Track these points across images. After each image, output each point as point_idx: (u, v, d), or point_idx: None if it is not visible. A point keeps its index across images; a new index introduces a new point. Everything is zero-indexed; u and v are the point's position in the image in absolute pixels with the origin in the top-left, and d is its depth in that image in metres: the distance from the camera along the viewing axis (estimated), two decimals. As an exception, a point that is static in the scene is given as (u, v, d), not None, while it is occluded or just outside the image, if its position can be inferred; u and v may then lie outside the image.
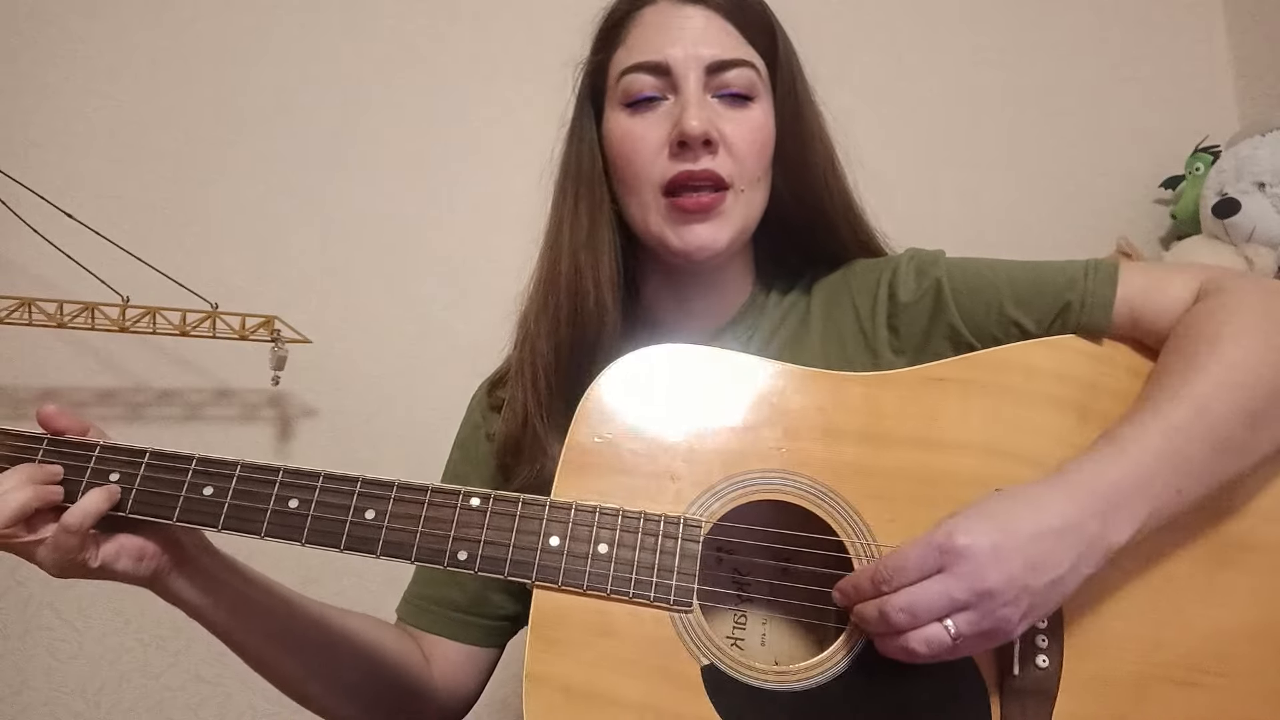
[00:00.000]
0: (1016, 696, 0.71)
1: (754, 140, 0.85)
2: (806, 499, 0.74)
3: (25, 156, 1.43)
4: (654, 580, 0.71)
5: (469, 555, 0.72)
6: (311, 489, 0.74)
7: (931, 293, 0.87)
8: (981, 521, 0.67)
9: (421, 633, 0.94)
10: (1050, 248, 1.85)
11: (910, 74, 1.84)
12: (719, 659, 0.70)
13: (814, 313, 0.92)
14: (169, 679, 1.42)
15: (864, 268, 0.93)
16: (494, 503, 0.73)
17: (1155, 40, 1.99)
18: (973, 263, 0.89)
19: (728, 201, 0.84)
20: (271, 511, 0.73)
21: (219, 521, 0.74)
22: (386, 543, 0.73)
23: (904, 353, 0.88)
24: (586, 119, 0.90)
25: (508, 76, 1.67)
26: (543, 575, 0.72)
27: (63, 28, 1.51)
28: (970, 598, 0.65)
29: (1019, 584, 0.65)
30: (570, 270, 0.87)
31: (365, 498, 0.73)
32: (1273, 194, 1.65)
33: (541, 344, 0.87)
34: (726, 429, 0.76)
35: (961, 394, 0.78)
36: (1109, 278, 0.82)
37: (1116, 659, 0.72)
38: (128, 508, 0.74)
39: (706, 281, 0.91)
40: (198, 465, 0.75)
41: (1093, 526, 0.67)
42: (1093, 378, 0.80)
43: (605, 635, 0.70)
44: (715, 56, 0.84)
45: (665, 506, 0.74)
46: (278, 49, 1.59)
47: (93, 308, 1.31)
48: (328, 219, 1.57)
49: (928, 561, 0.66)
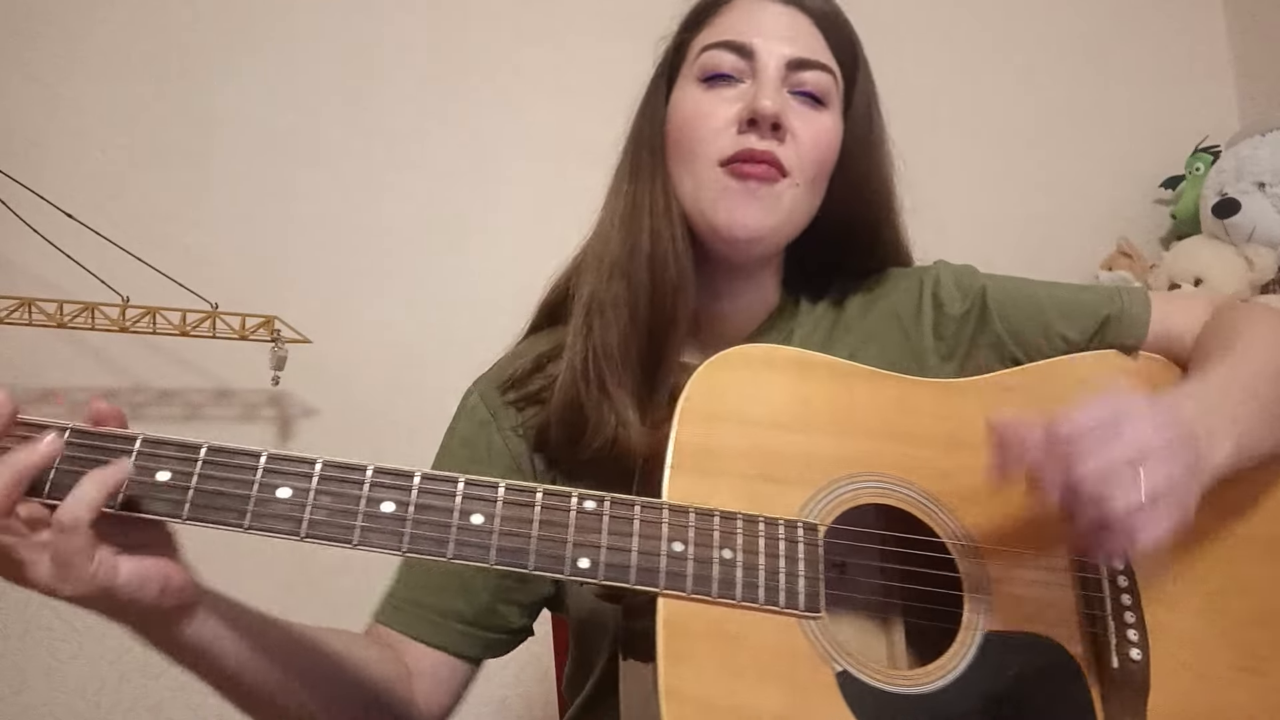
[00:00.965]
0: (1115, 689, 0.72)
1: (819, 142, 0.85)
2: (907, 501, 0.75)
3: (25, 156, 1.43)
4: (781, 586, 0.68)
5: (591, 563, 0.66)
6: (407, 490, 0.65)
7: (978, 305, 0.90)
8: (1135, 395, 0.68)
9: (410, 641, 0.86)
10: (1051, 248, 1.86)
11: (909, 74, 1.84)
12: (851, 665, 0.69)
13: (851, 318, 0.93)
14: (169, 679, 1.42)
15: (898, 276, 0.95)
16: (610, 505, 0.68)
17: (1155, 40, 1.99)
18: (1010, 279, 0.94)
19: (782, 186, 0.83)
20: (364, 515, 0.64)
21: (302, 529, 0.63)
22: (501, 550, 0.65)
23: (950, 360, 0.90)
24: (660, 94, 0.90)
25: (508, 76, 1.67)
26: (671, 583, 0.67)
27: (63, 28, 1.51)
28: (1160, 442, 0.64)
29: (1190, 447, 0.67)
30: (650, 241, 0.84)
31: (470, 500, 0.66)
32: (1273, 194, 1.65)
33: (613, 312, 0.84)
34: (819, 430, 0.75)
35: (1028, 402, 0.80)
36: (1143, 296, 0.90)
37: (1190, 652, 0.75)
38: (184, 514, 0.62)
39: (742, 281, 0.90)
40: (268, 463, 0.64)
41: (1200, 431, 0.69)
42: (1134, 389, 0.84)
43: (737, 644, 0.67)
44: (798, 54, 0.84)
45: (778, 510, 0.71)
46: (278, 49, 1.59)
47: (93, 308, 1.31)
48: (327, 219, 1.57)
49: (1103, 414, 0.65)
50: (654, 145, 0.88)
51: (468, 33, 1.68)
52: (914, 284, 0.93)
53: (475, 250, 1.61)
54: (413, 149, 1.62)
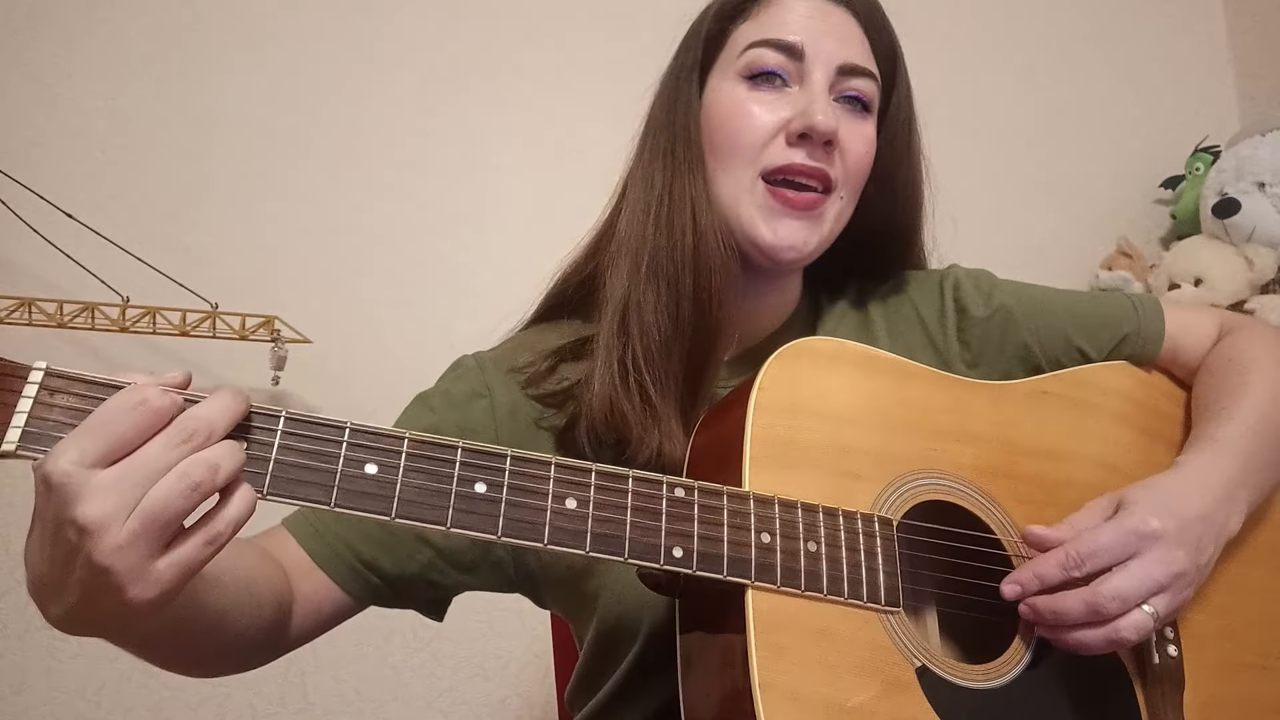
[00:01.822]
0: (1156, 684, 0.75)
1: (866, 152, 0.84)
2: (968, 500, 0.76)
3: (25, 156, 1.43)
4: (863, 580, 0.69)
5: (685, 552, 0.65)
6: (500, 471, 0.62)
7: (1003, 312, 0.91)
8: (1161, 507, 0.72)
9: (320, 572, 0.79)
10: (1051, 247, 1.86)
11: (909, 74, 1.84)
12: (929, 660, 0.69)
13: (875, 321, 0.92)
14: (169, 679, 1.41)
15: (918, 279, 0.95)
16: (699, 494, 0.67)
17: (1155, 40, 1.99)
18: (1026, 287, 0.94)
19: (826, 205, 0.82)
20: (456, 495, 0.61)
21: (393, 509, 0.59)
22: (595, 536, 0.63)
23: (976, 365, 0.90)
24: (693, 86, 0.86)
25: (508, 76, 1.67)
26: (761, 575, 0.66)
27: (63, 28, 1.51)
28: (1168, 579, 0.69)
29: (1195, 565, 0.71)
30: (693, 240, 0.81)
31: (563, 484, 0.63)
32: (1273, 194, 1.65)
33: (653, 315, 0.80)
34: (884, 427, 0.76)
35: (1065, 408, 0.84)
36: (1158, 313, 0.92)
37: (1209, 648, 0.78)
38: (265, 488, 0.57)
39: (769, 282, 0.89)
40: (352, 436, 0.60)
41: (1223, 512, 0.75)
42: (1147, 400, 0.89)
43: (826, 638, 0.67)
44: (849, 60, 0.83)
45: (855, 504, 0.71)
46: (278, 49, 1.59)
47: (93, 308, 1.31)
48: (328, 219, 1.57)
49: (1122, 548, 0.70)
50: (689, 138, 0.84)
51: (468, 33, 1.68)
52: (934, 287, 0.93)
53: (475, 250, 1.61)
54: (412, 149, 1.62)
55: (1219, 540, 0.74)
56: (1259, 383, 0.84)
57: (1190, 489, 0.75)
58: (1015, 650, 0.73)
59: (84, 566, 0.50)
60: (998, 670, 0.72)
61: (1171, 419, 0.89)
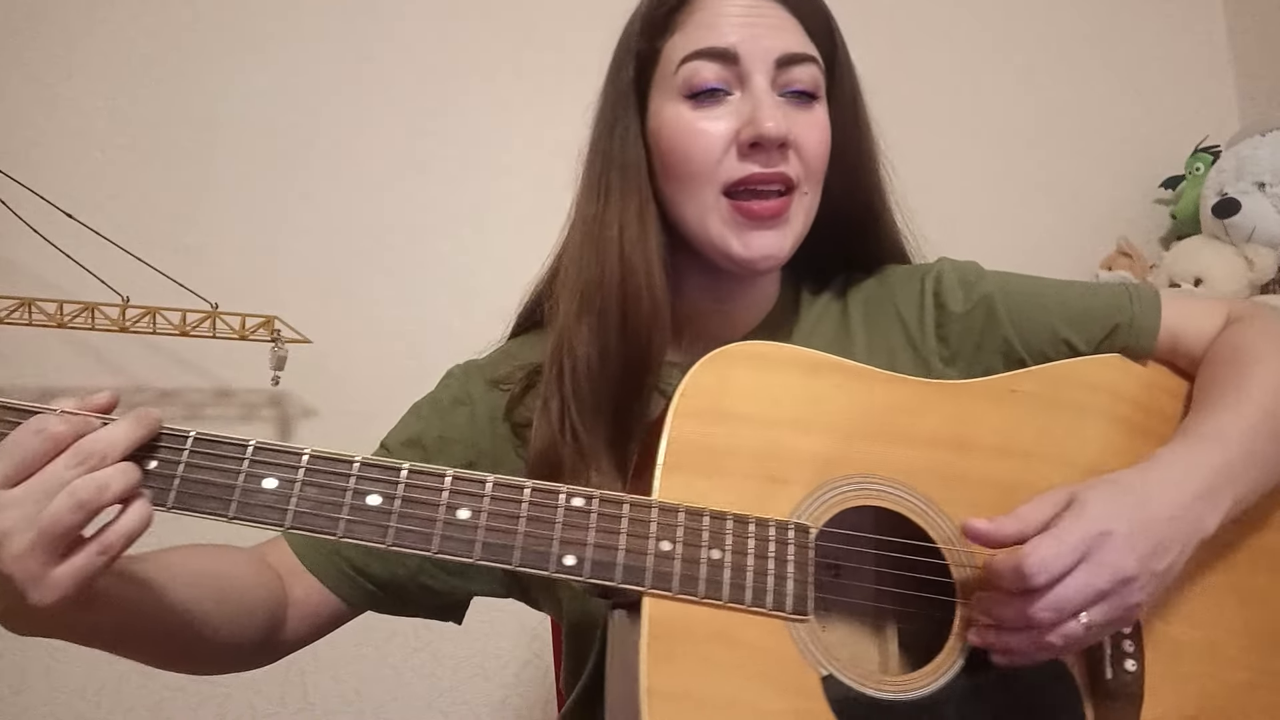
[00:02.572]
0: (1108, 699, 0.72)
1: (821, 142, 0.82)
2: (903, 505, 0.73)
3: (25, 156, 1.43)
4: (770, 588, 0.68)
5: (577, 560, 0.66)
6: (393, 484, 0.65)
7: (984, 305, 0.87)
8: (1116, 507, 0.68)
9: (312, 578, 0.82)
10: (1051, 247, 1.86)
11: (910, 74, 1.84)
12: (837, 669, 0.68)
13: (854, 318, 0.91)
14: (169, 679, 1.41)
15: (902, 275, 0.92)
16: (599, 503, 0.67)
17: (1155, 40, 1.99)
18: (1015, 278, 0.90)
19: (792, 206, 0.81)
20: (349, 508, 0.64)
21: (286, 520, 0.63)
22: (486, 545, 0.65)
23: (954, 362, 0.87)
24: (630, 109, 0.84)
25: (508, 76, 1.67)
26: (657, 582, 0.66)
27: (63, 28, 1.51)
28: (1112, 585, 0.66)
29: (1149, 568, 0.67)
30: (620, 271, 0.80)
31: (458, 495, 0.65)
32: (1273, 194, 1.65)
33: (585, 349, 0.80)
34: (819, 430, 0.73)
35: (1035, 406, 0.79)
36: (1153, 304, 0.87)
37: (1184, 662, 0.74)
38: (169, 502, 0.62)
39: (745, 282, 0.88)
40: (255, 454, 0.64)
41: (1194, 513, 0.70)
42: (1140, 397, 0.83)
43: (723, 645, 0.66)
44: (785, 50, 0.80)
45: (771, 511, 0.70)
46: (278, 49, 1.59)
47: (93, 308, 1.31)
48: (328, 219, 1.57)
49: (1075, 551, 0.66)
50: (625, 163, 0.83)
51: (468, 33, 1.68)
52: (915, 283, 0.91)
53: (475, 250, 1.61)
54: (412, 149, 1.62)
55: (1188, 542, 0.70)
56: (1261, 376, 0.78)
57: (1156, 487, 0.70)
58: (944, 659, 0.70)
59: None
60: (920, 680, 0.70)
61: (1173, 417, 0.82)
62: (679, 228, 0.83)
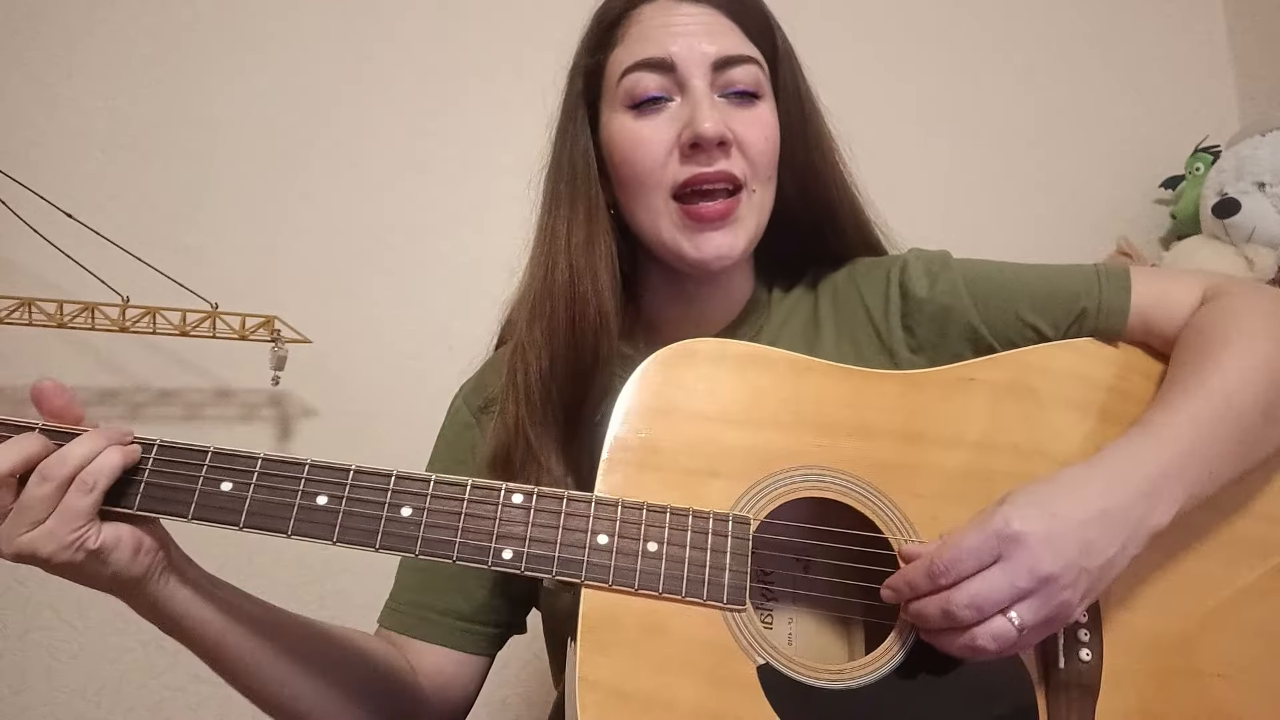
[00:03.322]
0: (1061, 689, 0.71)
1: (765, 138, 0.84)
2: (850, 496, 0.74)
3: (25, 156, 1.43)
4: (706, 579, 0.69)
5: (514, 555, 0.69)
6: (341, 485, 0.69)
7: (948, 293, 0.87)
8: (1033, 507, 0.67)
9: (410, 640, 0.88)
10: (1050, 247, 1.86)
11: (909, 74, 1.84)
12: (774, 658, 0.69)
13: (823, 313, 0.91)
14: (169, 679, 1.42)
15: (869, 266, 0.92)
16: (537, 499, 0.70)
17: (1155, 40, 1.99)
18: (983, 265, 0.89)
19: (741, 205, 0.82)
20: (299, 508, 0.68)
21: (240, 520, 0.68)
22: (426, 540, 0.68)
23: (921, 351, 0.87)
24: (580, 122, 0.87)
25: (508, 76, 1.67)
26: (592, 574, 0.69)
27: (63, 28, 1.51)
28: (1033, 584, 0.65)
29: (1076, 567, 0.66)
30: (567, 277, 0.83)
31: (400, 494, 0.69)
32: (1273, 194, 1.65)
33: (535, 353, 0.83)
34: (766, 425, 0.75)
35: (991, 395, 0.79)
36: (1123, 285, 0.85)
37: (1148, 654, 0.74)
38: (135, 504, 0.68)
39: (710, 283, 0.89)
40: (213, 459, 0.69)
41: (1139, 509, 0.69)
42: (1110, 381, 0.82)
43: (658, 636, 0.68)
44: (721, 53, 0.82)
45: (711, 504, 0.72)
46: (279, 49, 1.59)
47: (93, 308, 1.31)
48: (328, 219, 1.57)
49: (985, 551, 0.66)
50: (574, 175, 0.86)
51: (468, 33, 1.68)
52: (881, 274, 0.91)
53: (475, 250, 1.60)
54: (412, 149, 1.62)
55: (1133, 538, 0.68)
56: (1227, 360, 0.75)
57: (1092, 483, 0.69)
58: (886, 650, 0.71)
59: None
60: (860, 669, 0.70)
61: (1146, 400, 0.80)
62: (636, 234, 0.86)
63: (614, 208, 0.87)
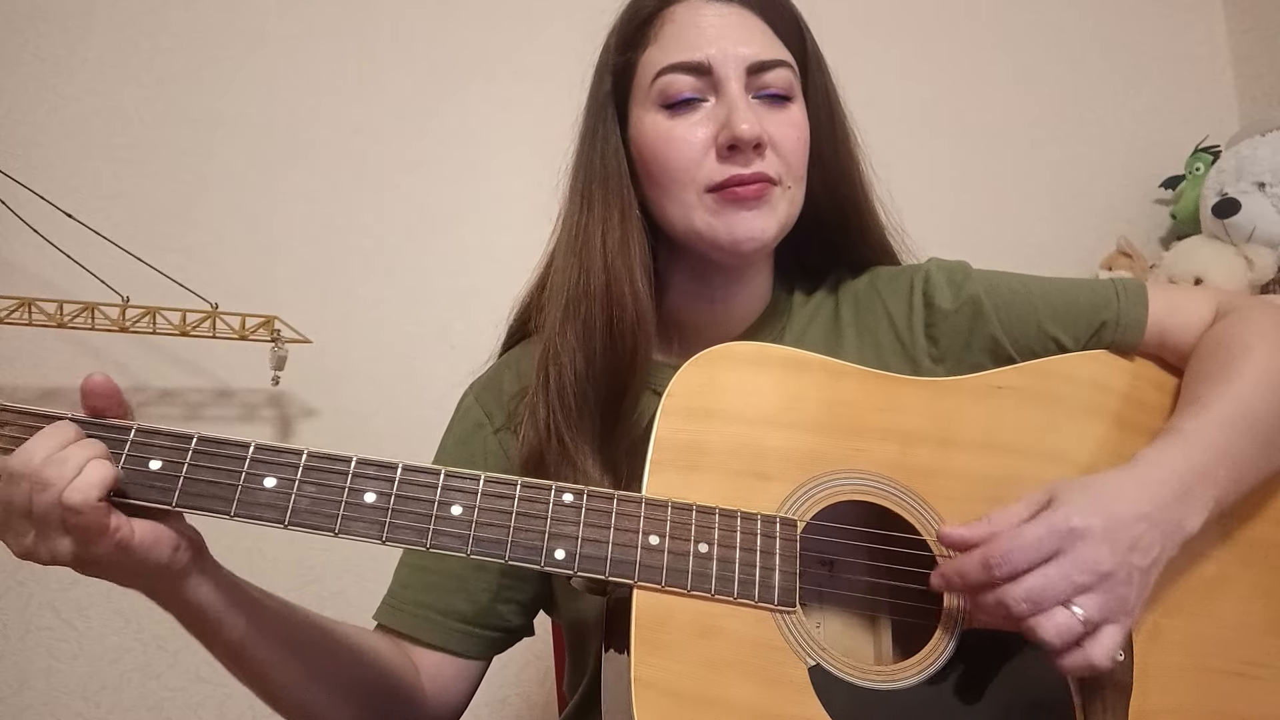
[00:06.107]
0: (1096, 688, 0.72)
1: (798, 139, 0.84)
2: (890, 499, 0.75)
3: (25, 156, 1.43)
4: (757, 580, 0.69)
5: (567, 555, 0.68)
6: (390, 481, 0.67)
7: (971, 304, 0.88)
8: (1090, 503, 0.68)
9: (411, 642, 0.88)
10: (1051, 247, 1.86)
11: (910, 74, 1.84)
12: (824, 659, 0.69)
13: (844, 318, 0.92)
14: (169, 679, 1.42)
15: (891, 275, 0.94)
16: (588, 499, 0.69)
17: (1155, 40, 1.99)
18: (1003, 277, 0.91)
19: (775, 193, 0.83)
20: (345, 505, 0.66)
21: (285, 518, 0.65)
22: (478, 540, 0.67)
23: (943, 361, 0.88)
24: (610, 121, 0.87)
25: (509, 76, 1.67)
26: (645, 575, 0.68)
27: (63, 28, 1.51)
28: (1093, 580, 0.66)
29: (1129, 565, 0.67)
30: (604, 279, 0.82)
31: (450, 491, 0.68)
32: (1273, 194, 1.65)
33: (570, 355, 0.82)
34: (805, 428, 0.75)
35: (1018, 401, 0.81)
36: (1140, 299, 0.87)
37: (1175, 653, 0.75)
38: (174, 500, 0.65)
39: (735, 281, 0.89)
40: (256, 453, 0.66)
41: (1175, 511, 0.71)
42: (1127, 390, 0.85)
43: (710, 637, 0.68)
44: (756, 56, 0.82)
45: (758, 506, 0.72)
46: (278, 49, 1.59)
47: (93, 308, 1.31)
48: (328, 219, 1.57)
49: (1045, 545, 0.66)
50: (607, 175, 0.85)
51: (468, 33, 1.68)
52: (904, 283, 0.92)
53: (475, 250, 1.61)
54: (412, 149, 1.62)
55: (1170, 540, 0.70)
56: (1247, 370, 0.78)
57: (1134, 485, 0.71)
58: (931, 650, 0.72)
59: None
60: (909, 670, 0.71)
61: (1159, 410, 0.84)
62: (665, 230, 0.85)
63: (643, 207, 0.86)
